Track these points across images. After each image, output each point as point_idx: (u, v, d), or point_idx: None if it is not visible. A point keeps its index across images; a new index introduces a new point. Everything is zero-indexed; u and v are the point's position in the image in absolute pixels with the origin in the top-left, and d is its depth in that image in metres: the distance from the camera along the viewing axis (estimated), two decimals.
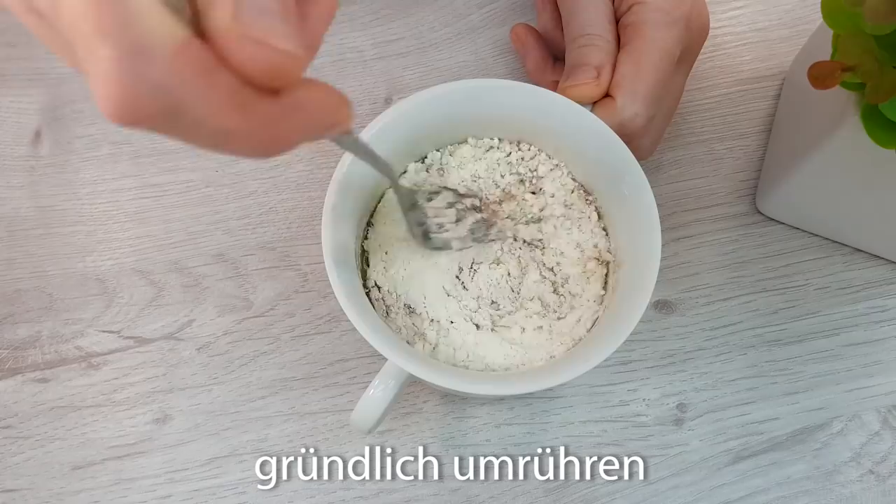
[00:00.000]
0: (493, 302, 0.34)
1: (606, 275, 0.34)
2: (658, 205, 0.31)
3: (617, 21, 0.36)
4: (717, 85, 0.44)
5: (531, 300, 0.34)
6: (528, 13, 0.45)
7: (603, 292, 0.34)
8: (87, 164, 0.42)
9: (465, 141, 0.36)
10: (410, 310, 0.33)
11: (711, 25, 0.38)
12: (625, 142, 0.32)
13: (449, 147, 0.36)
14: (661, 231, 0.31)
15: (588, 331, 0.33)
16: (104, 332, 0.39)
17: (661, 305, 0.39)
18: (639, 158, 0.32)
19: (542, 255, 0.35)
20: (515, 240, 0.35)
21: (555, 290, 0.34)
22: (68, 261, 0.40)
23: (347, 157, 0.32)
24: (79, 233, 0.40)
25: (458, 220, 0.34)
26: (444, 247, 0.34)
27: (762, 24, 0.45)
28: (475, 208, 0.34)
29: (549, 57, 0.40)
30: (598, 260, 0.34)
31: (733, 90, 0.44)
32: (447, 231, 0.34)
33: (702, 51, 0.38)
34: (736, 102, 0.43)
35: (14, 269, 0.40)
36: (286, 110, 0.18)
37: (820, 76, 0.30)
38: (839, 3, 0.30)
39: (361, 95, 0.43)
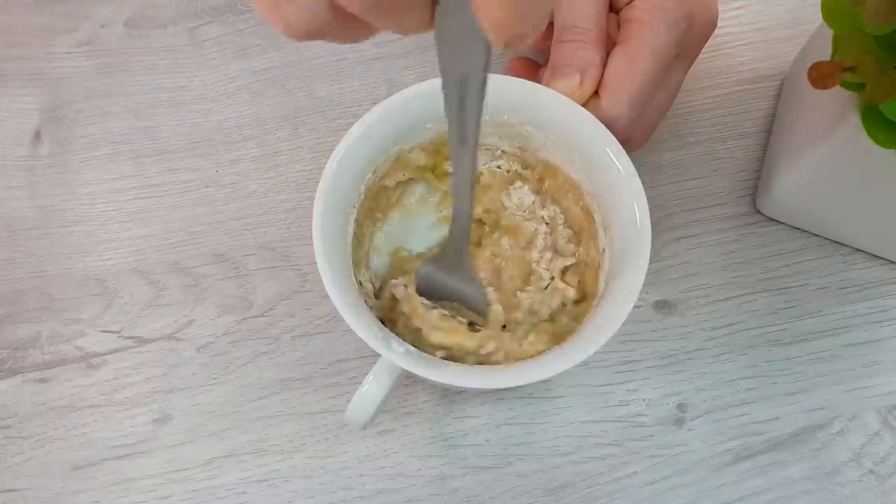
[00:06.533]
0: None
1: (598, 269, 0.34)
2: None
3: (618, 11, 0.35)
4: (717, 85, 0.44)
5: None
6: None
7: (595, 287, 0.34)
8: (87, 164, 0.42)
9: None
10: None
11: None
12: None
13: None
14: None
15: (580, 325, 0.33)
16: (104, 332, 0.39)
17: (661, 305, 0.39)
18: (628, 151, 0.32)
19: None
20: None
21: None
22: (68, 261, 0.40)
23: (337, 154, 0.31)
24: (78, 233, 0.40)
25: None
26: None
27: (762, 24, 0.45)
28: None
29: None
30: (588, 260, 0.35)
31: (733, 90, 0.44)
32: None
33: (702, 51, 0.38)
34: (736, 102, 0.43)
35: (14, 269, 0.40)
36: None
37: (820, 76, 0.30)
38: (839, 3, 0.30)
39: (362, 95, 0.43)
